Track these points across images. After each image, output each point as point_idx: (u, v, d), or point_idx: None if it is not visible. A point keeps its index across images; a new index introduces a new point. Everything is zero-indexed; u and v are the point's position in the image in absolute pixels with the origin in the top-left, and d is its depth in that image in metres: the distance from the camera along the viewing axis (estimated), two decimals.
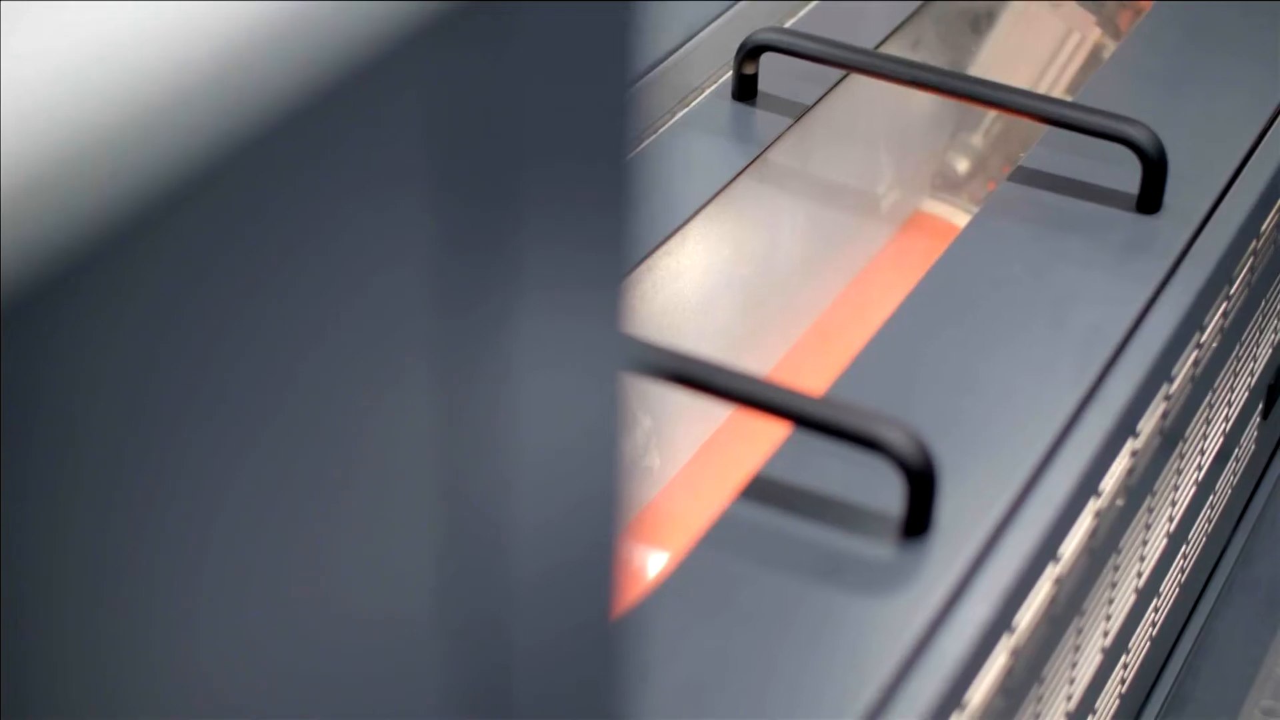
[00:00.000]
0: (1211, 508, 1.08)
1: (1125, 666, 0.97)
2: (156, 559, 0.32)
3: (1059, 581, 0.81)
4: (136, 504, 0.31)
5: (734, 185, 1.00)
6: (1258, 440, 1.15)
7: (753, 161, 1.01)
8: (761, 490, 0.77)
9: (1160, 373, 0.88)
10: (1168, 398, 0.90)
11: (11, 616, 0.29)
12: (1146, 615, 0.99)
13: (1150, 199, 0.94)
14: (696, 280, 1.01)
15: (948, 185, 1.20)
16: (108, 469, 0.30)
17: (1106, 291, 0.90)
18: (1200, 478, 1.02)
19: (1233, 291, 0.98)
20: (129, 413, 0.30)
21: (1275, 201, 1.02)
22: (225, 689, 0.34)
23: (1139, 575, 0.95)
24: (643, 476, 0.97)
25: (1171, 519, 0.98)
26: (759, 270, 1.06)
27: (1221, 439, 1.05)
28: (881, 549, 0.75)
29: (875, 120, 1.15)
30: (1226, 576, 1.16)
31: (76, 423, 0.29)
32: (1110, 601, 0.90)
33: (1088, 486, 0.82)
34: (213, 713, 0.34)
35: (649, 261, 0.96)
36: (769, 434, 0.81)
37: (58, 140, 0.28)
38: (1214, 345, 0.97)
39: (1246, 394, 1.08)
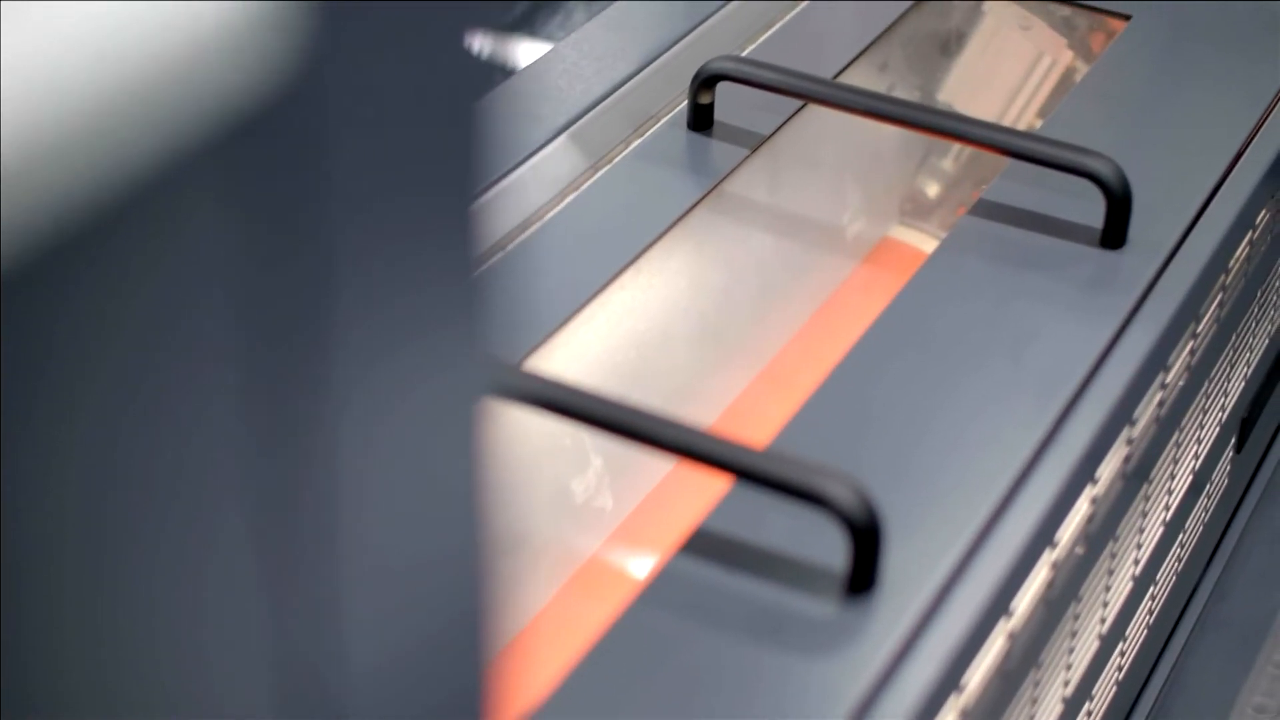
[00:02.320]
0: (1182, 546, 1.05)
1: (1089, 715, 0.94)
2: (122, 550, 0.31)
3: (1012, 636, 0.78)
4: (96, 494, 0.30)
5: (689, 217, 0.98)
6: (1230, 475, 1.13)
7: (708, 193, 0.99)
8: (701, 545, 0.75)
9: (1122, 415, 0.86)
10: (1130, 441, 0.88)
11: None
12: (1112, 660, 0.96)
13: (1114, 234, 0.92)
14: (651, 316, 0.99)
15: (913, 212, 1.18)
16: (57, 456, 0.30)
17: (1067, 330, 0.87)
18: (1168, 518, 0.99)
19: (1200, 329, 0.95)
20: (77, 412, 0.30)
21: (1244, 235, 0.99)
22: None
23: (1102, 621, 0.92)
24: (586, 525, 0.94)
25: (1138, 561, 0.96)
26: (716, 305, 1.04)
27: (1191, 476, 1.02)
28: (824, 607, 0.72)
29: (834, 150, 1.12)
30: (1199, 614, 1.14)
31: (36, 417, 0.29)
32: (1070, 651, 0.88)
33: (1043, 537, 0.79)
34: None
35: (601, 297, 0.94)
36: (716, 484, 0.78)
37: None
38: (1180, 384, 0.94)
39: (1218, 429, 1.06)
